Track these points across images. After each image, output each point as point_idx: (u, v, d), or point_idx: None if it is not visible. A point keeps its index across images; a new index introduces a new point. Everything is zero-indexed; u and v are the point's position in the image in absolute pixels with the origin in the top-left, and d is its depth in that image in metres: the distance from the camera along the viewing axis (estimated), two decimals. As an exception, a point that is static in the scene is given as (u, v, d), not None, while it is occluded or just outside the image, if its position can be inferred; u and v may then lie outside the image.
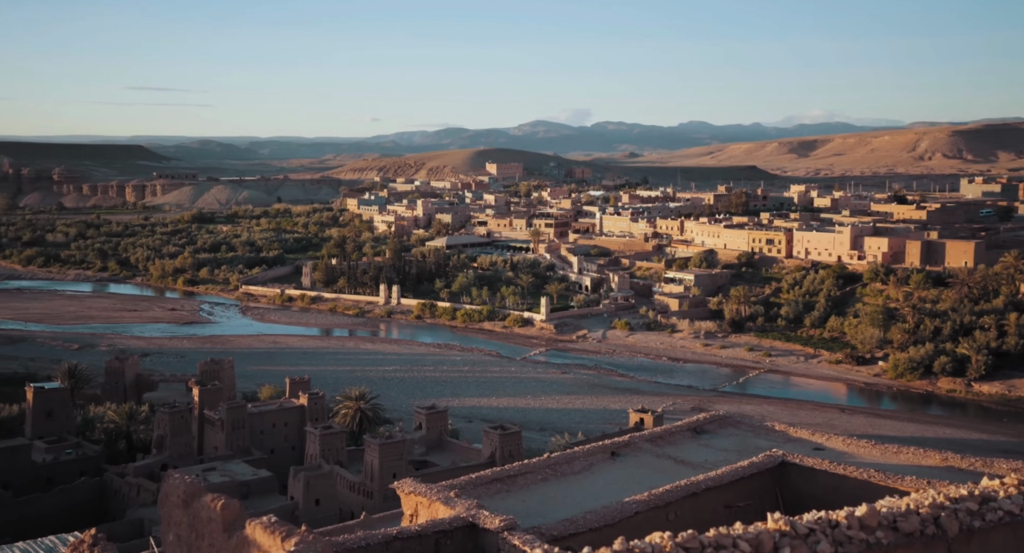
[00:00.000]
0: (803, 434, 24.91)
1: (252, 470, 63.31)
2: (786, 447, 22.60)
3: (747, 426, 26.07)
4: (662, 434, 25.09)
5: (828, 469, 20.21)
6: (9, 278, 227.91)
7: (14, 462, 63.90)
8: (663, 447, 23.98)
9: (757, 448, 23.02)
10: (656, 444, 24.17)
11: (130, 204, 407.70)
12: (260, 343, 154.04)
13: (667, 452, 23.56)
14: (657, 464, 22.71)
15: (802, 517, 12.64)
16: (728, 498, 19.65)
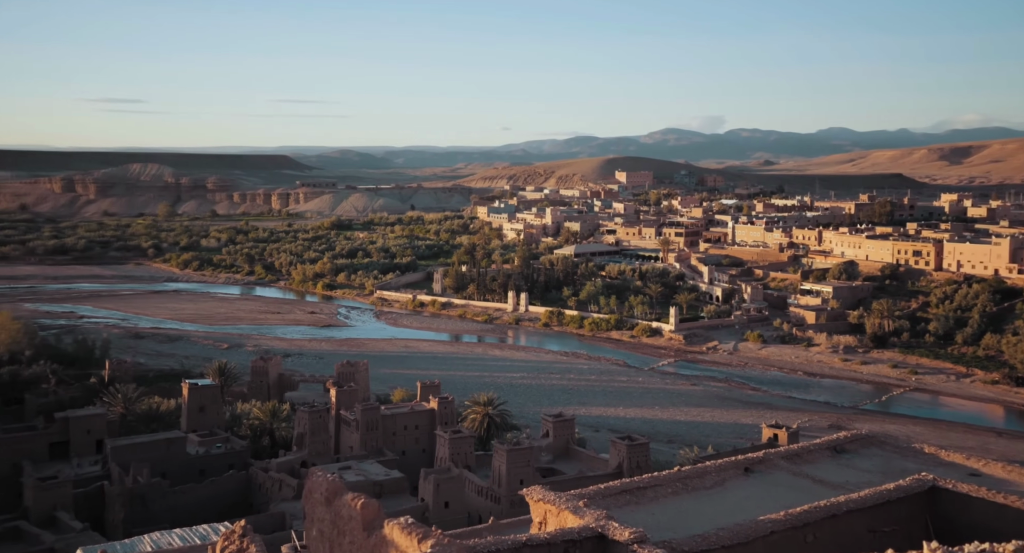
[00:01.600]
0: (956, 458, 23.50)
1: (385, 470, 65.27)
2: (937, 471, 21.40)
3: (892, 447, 24.86)
4: (799, 452, 24.27)
5: (987, 497, 18.98)
6: (168, 280, 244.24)
7: (171, 453, 68.44)
8: (800, 465, 23.20)
9: (903, 471, 21.92)
10: (793, 462, 23.41)
11: (275, 211, 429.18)
12: (393, 347, 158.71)
13: (805, 471, 22.77)
14: (794, 483, 21.99)
15: (963, 548, 11.96)
16: (872, 522, 18.81)
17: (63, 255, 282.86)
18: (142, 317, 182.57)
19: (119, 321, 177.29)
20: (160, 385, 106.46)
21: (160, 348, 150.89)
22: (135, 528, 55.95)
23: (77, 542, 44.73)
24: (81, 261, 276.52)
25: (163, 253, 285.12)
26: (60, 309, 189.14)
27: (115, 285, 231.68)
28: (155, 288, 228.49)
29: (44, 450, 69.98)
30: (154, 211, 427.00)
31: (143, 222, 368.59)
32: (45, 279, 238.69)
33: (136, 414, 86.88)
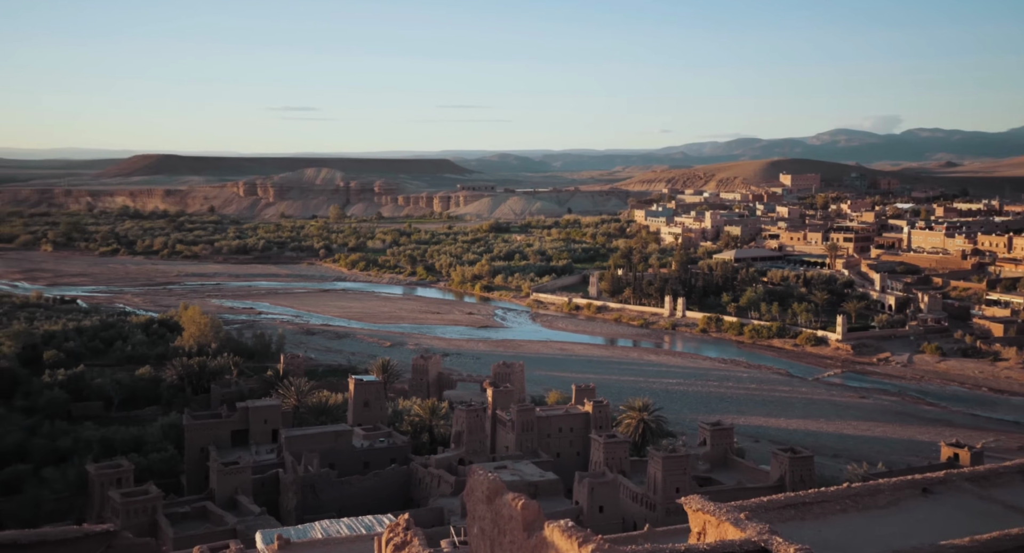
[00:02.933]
0: None
1: (539, 471, 65.86)
2: None
3: (1095, 475, 22.60)
4: (986, 474, 22.51)
5: None
6: (337, 280, 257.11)
7: (339, 445, 72.02)
8: (988, 488, 21.51)
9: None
10: (979, 484, 21.74)
11: (437, 214, 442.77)
12: (548, 349, 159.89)
13: (993, 495, 21.10)
14: (980, 507, 20.43)
15: None
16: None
17: (245, 254, 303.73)
18: (313, 314, 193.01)
19: (293, 318, 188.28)
20: (329, 380, 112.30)
21: (329, 344, 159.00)
22: (306, 514, 59.27)
23: (256, 525, 47.95)
24: (260, 260, 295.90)
25: (333, 253, 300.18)
26: (241, 305, 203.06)
27: (290, 283, 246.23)
28: (325, 287, 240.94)
29: (227, 437, 75.32)
30: (325, 213, 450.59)
31: (315, 224, 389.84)
32: (229, 277, 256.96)
33: (307, 406, 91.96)
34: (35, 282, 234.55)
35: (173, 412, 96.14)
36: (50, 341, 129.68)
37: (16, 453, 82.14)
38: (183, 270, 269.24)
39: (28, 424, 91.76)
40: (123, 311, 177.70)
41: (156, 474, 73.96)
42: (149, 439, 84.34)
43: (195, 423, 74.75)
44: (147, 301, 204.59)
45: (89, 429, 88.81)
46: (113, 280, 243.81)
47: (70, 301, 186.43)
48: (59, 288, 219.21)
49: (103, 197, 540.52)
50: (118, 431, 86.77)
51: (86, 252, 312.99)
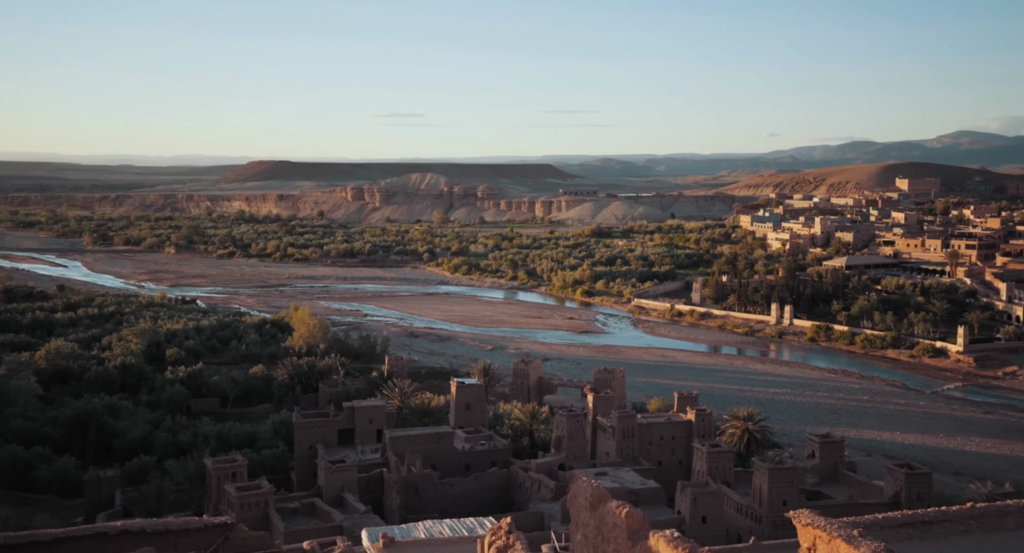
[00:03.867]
0: None
1: (640, 479, 65.13)
2: None
3: None
4: None
5: None
6: (440, 283, 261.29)
7: (441, 447, 73.13)
8: None
9: None
10: (1119, 512, 20.25)
11: (538, 218, 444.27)
12: (649, 356, 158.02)
13: None
14: (1120, 536, 19.05)
15: None
16: None
17: (352, 258, 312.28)
18: (417, 317, 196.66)
19: (397, 320, 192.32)
20: (431, 382, 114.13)
21: (432, 347, 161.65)
22: (409, 514, 60.42)
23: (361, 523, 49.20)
24: (366, 264, 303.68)
25: (436, 257, 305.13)
26: (348, 307, 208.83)
27: (394, 286, 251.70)
28: (428, 290, 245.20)
29: (334, 435, 77.55)
30: (429, 218, 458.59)
31: (420, 228, 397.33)
32: (337, 279, 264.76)
33: (410, 408, 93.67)
34: (159, 283, 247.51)
35: (283, 410, 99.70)
36: (172, 339, 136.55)
37: (142, 445, 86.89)
38: (294, 272, 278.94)
39: (152, 418, 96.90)
40: (238, 311, 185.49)
41: (267, 469, 76.83)
42: (261, 435, 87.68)
43: (304, 421, 77.21)
44: (260, 302, 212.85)
45: (207, 424, 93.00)
46: (229, 282, 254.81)
47: (190, 301, 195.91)
48: (180, 289, 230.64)
49: (221, 202, 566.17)
50: (233, 427, 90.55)
51: (205, 254, 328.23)
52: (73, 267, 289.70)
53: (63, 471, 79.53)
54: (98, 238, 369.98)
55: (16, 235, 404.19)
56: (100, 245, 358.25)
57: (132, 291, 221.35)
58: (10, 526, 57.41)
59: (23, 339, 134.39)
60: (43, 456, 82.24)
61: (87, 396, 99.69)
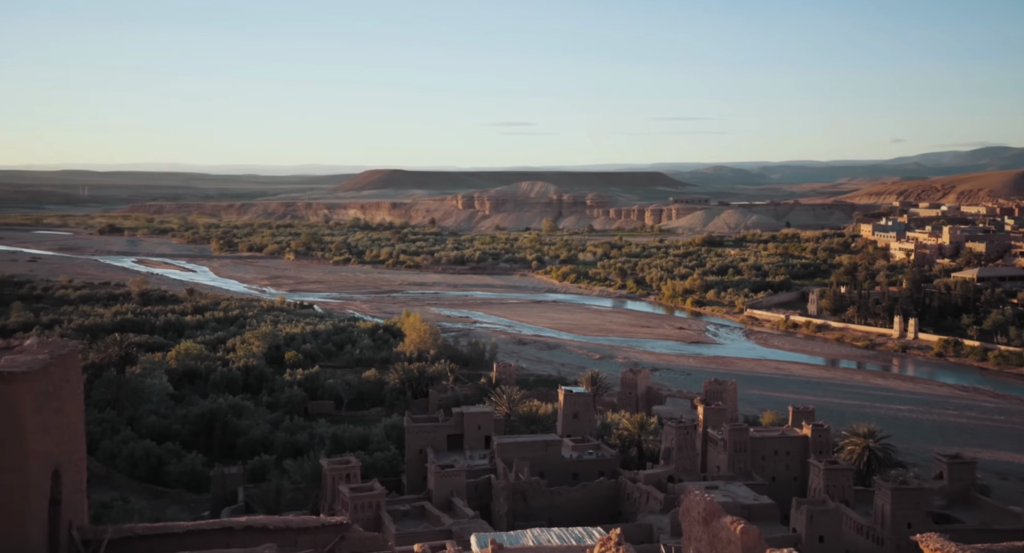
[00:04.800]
0: None
1: (753, 494, 63.35)
2: None
3: None
4: None
5: None
6: (548, 291, 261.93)
7: (548, 455, 73.18)
8: None
9: None
10: None
11: (648, 227, 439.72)
12: (762, 368, 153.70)
13: None
14: None
15: None
16: None
17: (462, 265, 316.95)
18: (525, 325, 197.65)
19: (505, 327, 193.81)
20: (539, 389, 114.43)
21: (540, 354, 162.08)
22: (517, 521, 60.69)
23: (470, 528, 49.74)
24: (476, 271, 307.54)
25: (545, 265, 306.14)
26: (458, 314, 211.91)
27: (503, 294, 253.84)
28: (537, 298, 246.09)
29: (443, 440, 78.71)
30: (538, 226, 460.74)
31: (529, 236, 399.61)
32: (447, 286, 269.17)
33: (518, 415, 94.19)
34: (279, 288, 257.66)
35: (395, 414, 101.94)
36: (290, 343, 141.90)
37: (262, 444, 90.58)
38: (406, 279, 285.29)
39: (272, 419, 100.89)
40: (352, 317, 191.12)
41: (379, 472, 78.69)
42: (374, 438, 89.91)
43: (415, 426, 78.71)
44: (373, 308, 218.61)
45: (322, 426, 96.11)
46: (344, 287, 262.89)
47: (308, 306, 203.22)
48: (299, 294, 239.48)
49: (338, 210, 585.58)
50: (347, 429, 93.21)
51: (322, 261, 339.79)
52: (201, 272, 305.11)
53: (191, 467, 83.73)
54: (224, 244, 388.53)
55: (151, 241, 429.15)
56: (226, 251, 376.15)
57: (254, 295, 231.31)
58: (145, 517, 60.90)
59: (156, 340, 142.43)
60: (173, 452, 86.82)
61: (213, 396, 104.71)
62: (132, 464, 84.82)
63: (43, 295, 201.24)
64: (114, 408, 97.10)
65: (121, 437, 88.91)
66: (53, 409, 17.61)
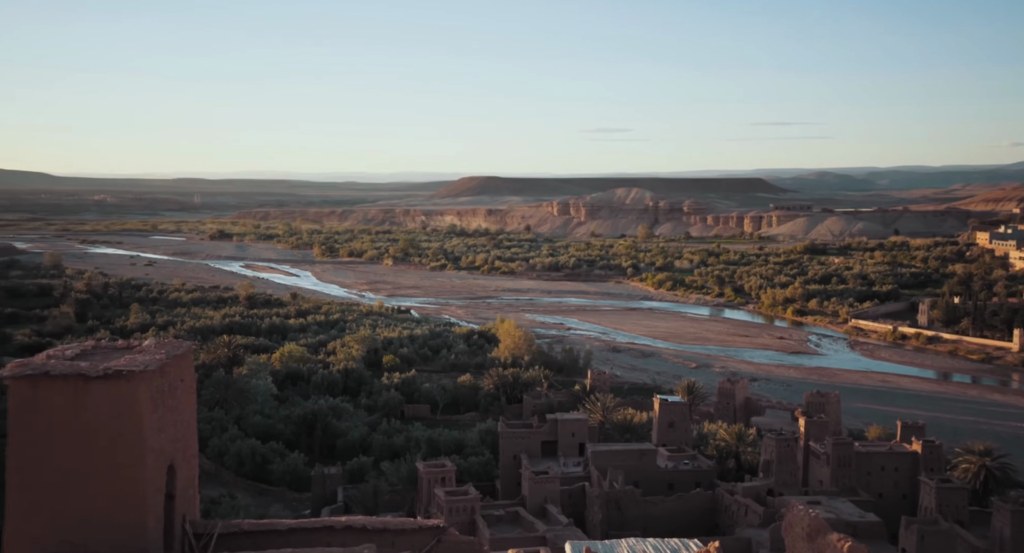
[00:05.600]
0: None
1: (859, 511, 60.91)
2: None
3: None
4: None
5: None
6: (643, 298, 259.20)
7: (643, 464, 72.22)
8: None
9: None
10: None
11: (747, 234, 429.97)
12: (868, 380, 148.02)
13: None
14: None
15: None
16: None
17: (556, 272, 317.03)
18: (619, 332, 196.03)
19: (600, 334, 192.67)
20: (633, 398, 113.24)
21: (634, 362, 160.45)
22: (611, 530, 60.12)
23: (564, 535, 49.54)
24: (570, 277, 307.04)
25: (640, 272, 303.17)
26: (552, 320, 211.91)
27: (597, 301, 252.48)
28: (632, 305, 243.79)
29: (537, 447, 78.71)
30: (634, 233, 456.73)
31: (624, 243, 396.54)
32: (541, 292, 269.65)
33: (612, 423, 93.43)
34: (378, 293, 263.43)
35: (489, 419, 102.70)
36: (388, 347, 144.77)
37: (360, 446, 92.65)
38: (500, 285, 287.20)
39: (370, 421, 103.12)
40: (448, 322, 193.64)
41: (473, 476, 79.36)
42: (468, 443, 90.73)
43: (509, 431, 79.00)
44: (468, 313, 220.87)
45: (418, 429, 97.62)
46: (440, 293, 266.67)
47: (405, 311, 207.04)
48: (396, 299, 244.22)
49: (435, 216, 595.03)
50: (442, 433, 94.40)
51: (419, 266, 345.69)
52: (304, 276, 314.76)
53: (293, 466, 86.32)
54: (326, 250, 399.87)
55: (258, 247, 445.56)
56: (327, 256, 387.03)
57: (354, 300, 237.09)
58: (250, 513, 63.10)
59: (261, 342, 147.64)
60: (277, 451, 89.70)
61: (314, 397, 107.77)
62: (239, 462, 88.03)
63: (158, 298, 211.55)
64: (222, 407, 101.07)
65: (228, 435, 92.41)
66: (169, 407, 18.41)
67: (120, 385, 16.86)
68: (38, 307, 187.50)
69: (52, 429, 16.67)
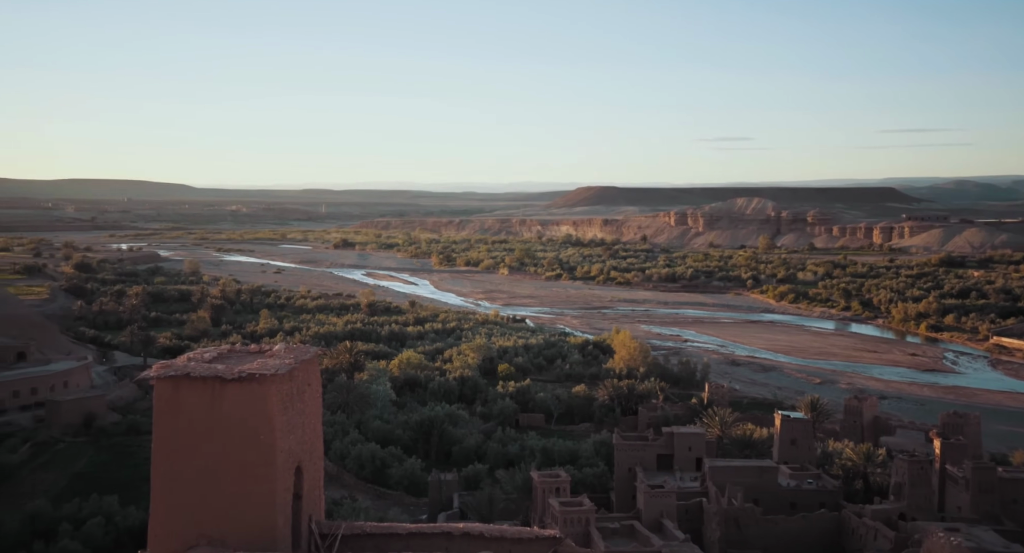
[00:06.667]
0: None
1: (1003, 541, 57.03)
2: None
3: None
4: None
5: None
6: (764, 311, 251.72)
7: (763, 482, 70.02)
8: None
9: None
10: None
11: (876, 246, 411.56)
12: (1012, 402, 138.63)
13: None
14: None
15: None
16: None
17: (673, 283, 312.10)
18: (738, 345, 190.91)
19: (718, 347, 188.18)
20: (753, 413, 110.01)
21: (754, 376, 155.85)
22: (729, 548, 58.49)
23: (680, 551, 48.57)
24: (688, 289, 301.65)
25: (760, 284, 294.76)
26: (668, 332, 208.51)
27: (715, 313, 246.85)
28: (751, 318, 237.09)
29: (653, 460, 77.53)
30: (754, 243, 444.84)
31: (744, 254, 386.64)
32: (657, 303, 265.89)
33: (730, 438, 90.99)
34: (493, 302, 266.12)
35: (603, 430, 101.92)
36: (503, 356, 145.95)
37: (476, 453, 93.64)
38: (616, 295, 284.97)
39: (485, 429, 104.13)
40: (563, 332, 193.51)
41: (588, 487, 78.81)
42: (583, 454, 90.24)
43: (624, 443, 78.13)
44: (583, 323, 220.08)
45: (533, 438, 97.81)
46: (555, 302, 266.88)
47: (520, 320, 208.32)
48: (512, 308, 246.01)
49: (550, 226, 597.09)
50: (556, 443, 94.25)
51: (535, 276, 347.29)
52: (422, 285, 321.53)
53: (411, 471, 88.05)
54: (443, 259, 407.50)
55: (379, 255, 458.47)
56: (445, 265, 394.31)
57: (470, 308, 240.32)
58: (370, 516, 64.73)
59: (381, 349, 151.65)
60: (395, 456, 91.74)
61: (431, 404, 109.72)
62: (359, 465, 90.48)
63: (285, 304, 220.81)
64: (344, 411, 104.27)
65: (350, 439, 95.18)
66: (297, 410, 19.08)
67: (253, 388, 17.59)
68: (178, 311, 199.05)
69: (191, 427, 17.55)
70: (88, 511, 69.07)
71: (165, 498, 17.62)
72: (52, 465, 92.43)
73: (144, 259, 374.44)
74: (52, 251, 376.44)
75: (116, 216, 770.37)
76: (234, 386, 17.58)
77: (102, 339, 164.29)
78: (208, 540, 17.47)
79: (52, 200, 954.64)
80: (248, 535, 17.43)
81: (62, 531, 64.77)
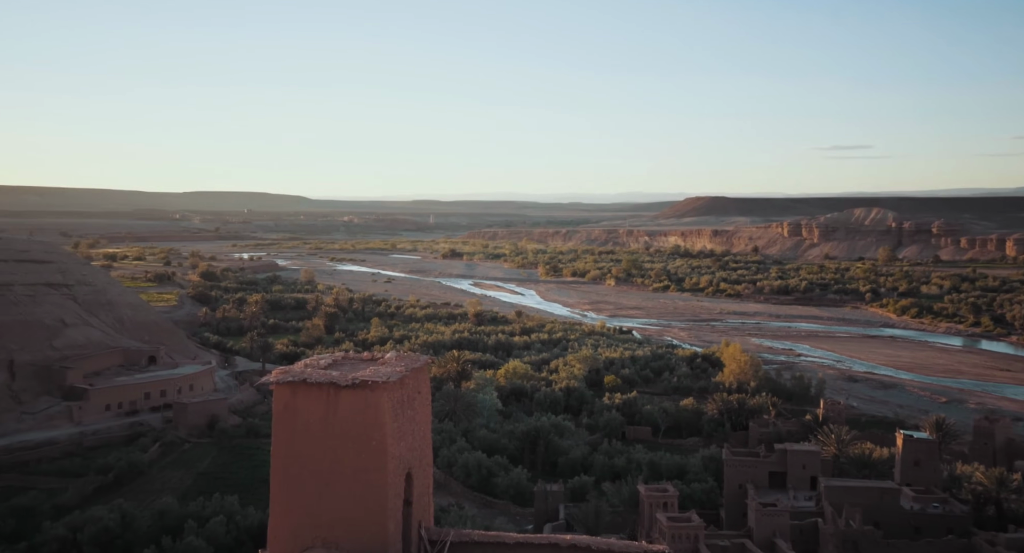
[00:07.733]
0: None
1: None
2: None
3: None
4: None
5: None
6: (884, 326, 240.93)
7: (884, 504, 66.83)
8: None
9: None
10: None
11: (1009, 258, 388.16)
12: None
13: None
14: None
15: None
16: None
17: (786, 295, 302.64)
18: (856, 360, 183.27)
19: (834, 362, 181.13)
20: (872, 431, 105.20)
21: (873, 393, 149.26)
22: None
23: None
24: (801, 302, 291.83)
25: (880, 298, 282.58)
26: (780, 345, 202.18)
27: (831, 327, 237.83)
28: (870, 333, 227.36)
29: (764, 477, 75.21)
30: (873, 255, 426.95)
31: (862, 266, 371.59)
32: (769, 316, 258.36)
33: (848, 457, 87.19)
34: (600, 313, 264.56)
35: (713, 445, 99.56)
36: (609, 367, 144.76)
37: (582, 465, 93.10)
38: (725, 308, 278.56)
39: (591, 440, 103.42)
40: (670, 344, 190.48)
41: (696, 503, 77.09)
42: (691, 469, 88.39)
43: (734, 459, 76.13)
44: (691, 336, 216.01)
45: (639, 452, 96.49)
46: (663, 314, 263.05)
47: (627, 332, 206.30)
48: (618, 319, 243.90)
49: (658, 237, 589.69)
50: (664, 457, 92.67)
51: (642, 287, 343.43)
52: (529, 295, 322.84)
53: (517, 480, 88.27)
54: (550, 269, 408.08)
55: (486, 265, 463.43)
56: (551, 276, 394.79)
57: (576, 319, 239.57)
58: (477, 524, 65.27)
59: (488, 358, 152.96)
60: (501, 465, 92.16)
61: (537, 414, 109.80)
62: (466, 473, 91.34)
63: (395, 313, 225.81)
64: (451, 419, 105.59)
65: (457, 447, 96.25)
66: (407, 417, 19.39)
67: (366, 394, 17.99)
68: (294, 319, 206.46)
69: (307, 432, 18.08)
70: (211, 510, 72.27)
71: (284, 500, 18.20)
72: (179, 464, 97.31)
73: (263, 268, 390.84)
74: (180, 260, 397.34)
75: (238, 227, 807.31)
76: (348, 392, 18.03)
77: (224, 345, 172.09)
78: (323, 542, 17.94)
79: (180, 211, 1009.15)
80: (360, 539, 17.79)
81: (187, 528, 67.90)
